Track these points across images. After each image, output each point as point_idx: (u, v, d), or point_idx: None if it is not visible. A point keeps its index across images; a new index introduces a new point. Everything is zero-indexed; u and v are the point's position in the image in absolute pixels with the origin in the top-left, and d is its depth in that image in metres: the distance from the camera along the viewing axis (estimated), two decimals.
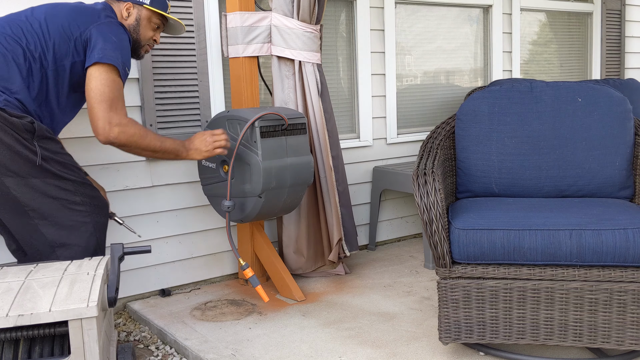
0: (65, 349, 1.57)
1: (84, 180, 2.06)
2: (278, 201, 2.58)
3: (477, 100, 2.46)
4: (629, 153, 2.33)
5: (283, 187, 2.54)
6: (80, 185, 2.04)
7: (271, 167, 2.47)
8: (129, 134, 2.06)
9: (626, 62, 4.91)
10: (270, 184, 2.49)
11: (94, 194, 2.09)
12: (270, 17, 2.79)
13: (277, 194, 2.54)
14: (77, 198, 2.03)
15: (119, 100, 2.05)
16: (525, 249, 1.96)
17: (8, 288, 1.63)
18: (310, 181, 2.64)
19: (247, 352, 2.21)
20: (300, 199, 2.67)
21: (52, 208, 1.98)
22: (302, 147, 2.59)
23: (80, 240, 2.03)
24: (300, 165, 2.58)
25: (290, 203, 2.64)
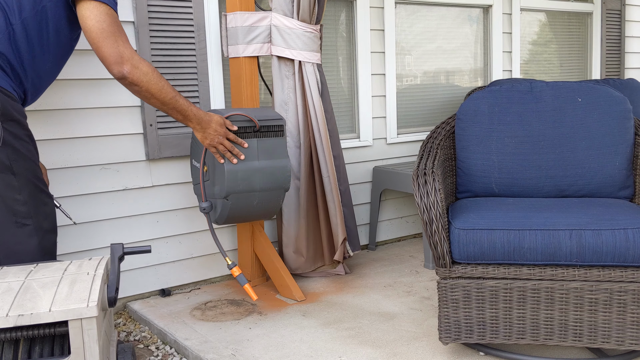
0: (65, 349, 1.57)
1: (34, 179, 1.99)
2: (249, 205, 2.50)
3: (477, 100, 2.46)
4: (628, 153, 2.33)
5: (252, 191, 2.46)
6: (27, 184, 1.96)
7: (237, 169, 2.41)
8: (144, 71, 1.99)
9: (626, 62, 4.91)
10: (236, 187, 2.43)
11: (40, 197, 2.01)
12: (270, 17, 2.79)
13: (246, 198, 2.47)
14: (20, 197, 1.95)
15: (122, 34, 1.97)
16: (525, 249, 1.96)
17: (8, 288, 1.63)
18: (286, 186, 2.52)
19: (247, 352, 2.21)
20: (277, 204, 2.56)
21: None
22: (277, 150, 2.49)
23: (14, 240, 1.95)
24: (274, 169, 2.48)
25: (265, 208, 2.55)
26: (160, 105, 2.09)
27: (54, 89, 2.54)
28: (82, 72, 2.60)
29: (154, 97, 2.04)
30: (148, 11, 2.70)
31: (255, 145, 2.46)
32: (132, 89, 2.02)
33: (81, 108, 2.62)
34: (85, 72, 2.61)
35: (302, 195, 2.91)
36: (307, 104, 2.89)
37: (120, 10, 2.65)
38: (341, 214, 2.95)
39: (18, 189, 1.94)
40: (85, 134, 2.63)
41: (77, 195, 2.64)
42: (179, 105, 2.12)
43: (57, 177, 2.59)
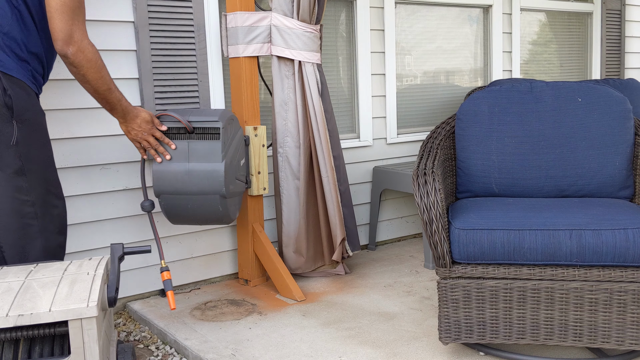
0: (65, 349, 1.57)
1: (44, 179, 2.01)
2: (184, 208, 2.44)
3: (477, 100, 2.46)
4: (629, 153, 2.33)
5: (184, 194, 2.39)
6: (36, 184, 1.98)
7: (163, 170, 2.38)
8: (87, 57, 1.99)
9: (626, 62, 4.91)
10: (164, 188, 2.40)
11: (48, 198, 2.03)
12: (270, 17, 2.79)
13: (178, 200, 2.42)
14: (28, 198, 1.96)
15: (81, 13, 1.97)
16: (525, 249, 1.96)
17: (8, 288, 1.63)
18: (220, 192, 2.38)
19: (247, 352, 2.21)
20: (215, 209, 2.43)
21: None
22: (210, 154, 2.37)
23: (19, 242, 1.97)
24: (206, 172, 2.37)
25: (203, 213, 2.45)
26: (92, 92, 2.09)
27: (53, 89, 2.54)
28: None
29: (88, 83, 2.05)
30: (148, 11, 2.70)
31: (187, 148, 2.38)
32: (69, 68, 2.01)
33: (81, 108, 2.61)
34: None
35: (301, 195, 2.91)
36: (307, 104, 2.90)
37: (120, 10, 2.65)
38: (340, 214, 2.95)
39: (27, 190, 1.96)
40: (85, 134, 2.63)
41: (77, 195, 2.64)
42: (110, 97, 2.12)
43: None
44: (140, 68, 2.71)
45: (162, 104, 2.78)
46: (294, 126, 2.88)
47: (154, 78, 2.75)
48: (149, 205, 2.47)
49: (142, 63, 2.71)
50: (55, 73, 2.54)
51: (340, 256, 2.99)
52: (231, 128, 2.50)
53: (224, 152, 2.38)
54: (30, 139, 1.95)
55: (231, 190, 2.46)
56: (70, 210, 2.63)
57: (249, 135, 2.81)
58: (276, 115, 2.89)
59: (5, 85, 1.89)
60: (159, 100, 2.77)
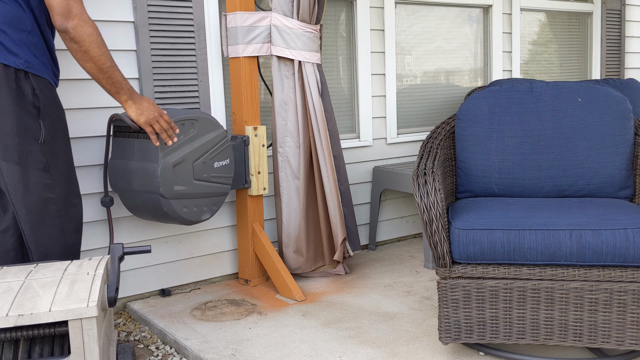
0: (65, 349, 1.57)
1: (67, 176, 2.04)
2: (135, 205, 2.49)
3: (477, 100, 2.46)
4: (628, 153, 2.33)
5: (132, 190, 2.45)
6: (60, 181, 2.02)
7: (115, 165, 2.49)
8: (88, 32, 1.93)
9: (626, 62, 4.91)
10: (117, 183, 2.51)
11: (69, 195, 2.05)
12: (270, 17, 2.79)
13: (129, 196, 2.48)
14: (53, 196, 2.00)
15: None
16: (525, 249, 1.96)
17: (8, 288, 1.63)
18: (159, 191, 2.37)
19: (247, 352, 2.21)
20: (158, 208, 2.43)
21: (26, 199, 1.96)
22: (149, 153, 2.39)
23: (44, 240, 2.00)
24: (146, 171, 2.39)
25: (153, 211, 2.47)
26: (96, 71, 2.00)
27: None
28: (83, 73, 2.60)
29: (91, 60, 1.96)
30: (148, 11, 2.70)
31: (132, 145, 2.44)
32: (70, 46, 1.95)
33: (81, 108, 2.61)
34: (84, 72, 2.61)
35: (301, 195, 2.91)
36: (307, 104, 2.90)
37: (120, 10, 2.66)
38: (341, 214, 2.95)
39: (52, 188, 1.98)
40: (85, 134, 2.63)
41: None
42: (114, 75, 2.03)
43: None
44: (140, 68, 2.71)
45: (162, 104, 2.78)
46: (293, 126, 2.88)
47: (154, 78, 2.75)
48: (108, 201, 2.57)
49: (142, 63, 2.71)
50: None
51: (342, 256, 2.99)
52: (188, 128, 2.46)
53: (164, 151, 2.37)
54: (55, 136, 1.99)
55: (176, 190, 2.42)
56: None
57: (248, 136, 2.81)
58: (276, 115, 2.89)
59: (33, 85, 1.93)
60: (159, 100, 2.77)
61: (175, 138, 2.30)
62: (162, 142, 2.33)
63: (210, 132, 2.53)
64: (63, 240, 2.02)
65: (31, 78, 1.93)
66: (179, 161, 2.41)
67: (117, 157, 2.51)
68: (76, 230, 2.07)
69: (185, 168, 2.44)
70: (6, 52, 1.89)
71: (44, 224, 1.98)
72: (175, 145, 2.39)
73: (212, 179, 2.55)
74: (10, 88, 1.89)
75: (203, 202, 2.54)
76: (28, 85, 1.92)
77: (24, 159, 1.93)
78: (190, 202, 2.49)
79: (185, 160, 2.43)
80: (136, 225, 2.79)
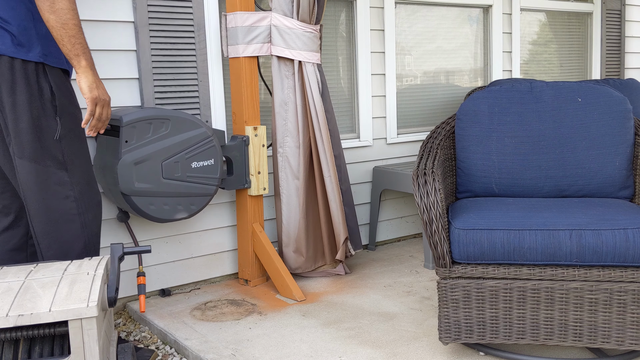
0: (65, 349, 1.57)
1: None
2: (116, 199, 2.55)
3: (477, 100, 2.46)
4: (629, 153, 2.33)
5: (108, 184, 2.52)
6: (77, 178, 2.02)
7: (96, 162, 2.59)
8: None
9: (626, 62, 4.91)
10: (98, 177, 2.60)
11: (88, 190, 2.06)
12: (270, 17, 2.79)
13: (109, 191, 2.54)
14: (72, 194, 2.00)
15: None
16: (525, 249, 1.96)
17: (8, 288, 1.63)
18: (118, 187, 2.43)
19: (247, 352, 2.21)
20: (126, 207, 2.50)
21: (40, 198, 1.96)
22: (114, 150, 2.44)
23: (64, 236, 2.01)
24: (108, 167, 2.47)
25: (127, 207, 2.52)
26: (59, 26, 1.84)
27: None
28: None
29: (55, 12, 1.82)
30: (148, 11, 2.70)
31: (105, 142, 2.52)
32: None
33: (82, 108, 2.61)
34: None
35: (301, 195, 2.90)
36: (307, 104, 2.90)
37: (120, 10, 2.66)
38: (343, 214, 2.95)
39: (70, 185, 1.97)
40: None
41: None
42: (78, 35, 1.87)
43: None
44: (140, 68, 2.71)
45: (163, 104, 2.78)
46: (293, 126, 2.88)
47: (154, 78, 2.75)
48: (124, 216, 2.67)
49: (142, 63, 2.71)
50: None
51: (344, 255, 2.99)
52: (157, 127, 2.46)
53: (126, 149, 2.40)
54: (71, 133, 1.99)
55: (137, 188, 2.43)
56: None
57: (248, 136, 2.81)
58: (276, 115, 2.89)
59: (51, 81, 1.92)
60: (159, 100, 2.77)
61: (94, 133, 2.06)
62: (123, 139, 2.39)
63: (186, 132, 2.53)
64: (84, 238, 2.03)
65: (48, 72, 1.92)
66: (143, 159, 2.44)
67: (98, 152, 2.60)
68: (96, 227, 2.08)
69: (151, 166, 2.46)
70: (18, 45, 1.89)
71: (64, 221, 1.98)
72: (140, 143, 2.43)
73: (189, 178, 2.56)
74: (28, 84, 1.89)
75: (176, 201, 2.56)
76: (46, 81, 1.92)
77: (41, 156, 1.93)
78: (158, 200, 2.51)
79: (151, 158, 2.46)
80: (136, 225, 2.79)
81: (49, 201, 1.95)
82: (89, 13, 2.59)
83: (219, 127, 2.96)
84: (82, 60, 1.89)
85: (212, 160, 2.60)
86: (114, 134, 2.47)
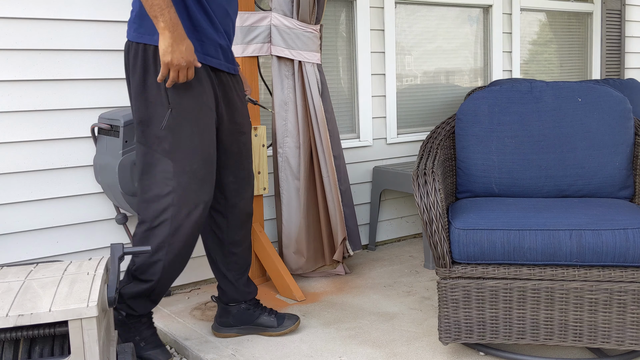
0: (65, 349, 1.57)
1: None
2: (114, 199, 2.59)
3: (477, 100, 2.46)
4: (629, 153, 2.33)
5: (107, 184, 2.53)
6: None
7: (96, 162, 2.60)
8: None
9: (626, 62, 4.91)
10: (97, 176, 2.62)
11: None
12: (270, 17, 2.79)
13: (112, 191, 2.56)
14: (171, 183, 1.98)
15: None
16: (525, 249, 1.96)
17: (8, 288, 1.63)
18: (117, 187, 2.47)
19: (247, 352, 2.21)
20: (125, 206, 2.53)
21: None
22: (113, 150, 2.48)
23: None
24: (107, 166, 2.50)
25: (126, 207, 2.55)
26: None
27: (54, 88, 2.54)
28: (83, 73, 2.60)
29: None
30: None
31: (105, 142, 2.53)
32: None
33: (82, 108, 2.62)
34: (87, 72, 2.61)
35: (301, 196, 2.90)
36: (307, 104, 2.90)
37: (120, 10, 2.65)
38: (341, 214, 2.95)
39: (172, 176, 1.96)
40: (85, 134, 2.63)
41: (77, 195, 2.64)
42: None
43: (57, 177, 2.59)
44: None
45: None
46: (293, 126, 2.88)
47: None
48: (122, 218, 2.68)
49: None
50: (53, 73, 2.54)
51: (342, 256, 2.99)
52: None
53: (125, 149, 2.43)
54: (180, 125, 1.97)
55: (136, 188, 2.42)
56: (70, 210, 2.63)
57: None
58: (276, 115, 2.89)
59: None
60: None
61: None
62: (123, 139, 2.40)
63: None
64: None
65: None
66: None
67: (99, 152, 2.60)
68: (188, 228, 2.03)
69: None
70: (143, 31, 1.92)
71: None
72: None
73: None
74: (145, 67, 1.92)
75: None
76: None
77: (151, 143, 1.95)
78: None
79: None
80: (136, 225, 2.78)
81: (152, 189, 1.99)
82: (89, 13, 2.59)
83: None
84: (160, 22, 1.82)
85: None
86: (114, 134, 2.47)
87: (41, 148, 2.55)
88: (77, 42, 2.57)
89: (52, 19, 2.52)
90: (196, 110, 1.97)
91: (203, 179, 2.00)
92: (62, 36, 2.54)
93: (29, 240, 2.56)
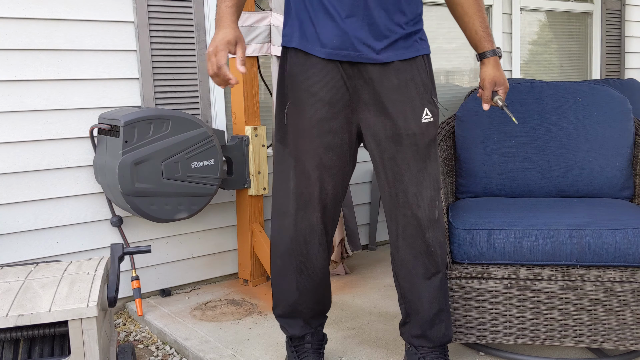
0: (65, 349, 1.57)
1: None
2: (112, 199, 2.59)
3: (478, 100, 2.46)
4: (629, 153, 2.32)
5: (110, 185, 2.52)
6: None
7: (96, 162, 2.60)
8: None
9: (626, 62, 4.91)
10: (97, 177, 2.62)
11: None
12: (270, 17, 2.79)
13: (112, 191, 2.54)
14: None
15: None
16: (526, 249, 1.96)
17: (8, 288, 1.63)
18: (118, 187, 2.42)
19: (248, 352, 2.21)
20: (125, 206, 2.49)
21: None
22: (113, 150, 2.45)
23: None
24: (107, 166, 2.47)
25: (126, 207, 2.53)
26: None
27: (54, 88, 2.54)
28: (83, 73, 2.60)
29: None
30: (148, 11, 2.70)
31: (105, 143, 2.53)
32: None
33: (82, 108, 2.62)
34: (87, 72, 2.61)
35: None
36: None
37: (120, 10, 2.66)
38: (340, 214, 2.95)
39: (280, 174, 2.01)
40: (85, 134, 2.63)
41: (77, 195, 2.64)
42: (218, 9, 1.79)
43: (57, 177, 2.59)
44: (140, 68, 2.71)
45: (163, 104, 2.78)
46: None
47: (154, 78, 2.75)
48: (117, 221, 2.68)
49: (142, 63, 2.71)
50: (53, 73, 2.54)
51: (339, 256, 2.99)
52: (158, 127, 2.47)
53: (125, 149, 2.41)
54: (291, 124, 1.93)
55: (137, 188, 2.44)
56: (70, 210, 2.63)
57: (248, 136, 2.81)
58: None
59: (285, 64, 1.87)
60: (159, 100, 2.77)
61: (229, 81, 1.74)
62: (123, 139, 2.38)
63: (186, 132, 2.53)
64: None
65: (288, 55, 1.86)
66: (143, 159, 2.43)
67: (99, 153, 2.60)
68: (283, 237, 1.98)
69: (152, 166, 2.46)
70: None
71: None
72: (140, 143, 2.43)
73: (189, 178, 2.55)
74: (281, 69, 1.88)
75: (177, 201, 2.56)
76: (285, 64, 1.87)
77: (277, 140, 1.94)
78: (159, 200, 2.50)
79: (151, 158, 2.45)
80: (136, 225, 2.79)
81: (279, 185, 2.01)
82: (89, 13, 2.59)
83: (219, 127, 2.96)
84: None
85: (212, 160, 2.60)
86: (113, 134, 2.47)
87: (41, 148, 2.55)
88: (77, 42, 2.58)
89: (52, 19, 2.52)
90: None
91: None
92: (62, 36, 2.54)
93: (29, 240, 2.56)
